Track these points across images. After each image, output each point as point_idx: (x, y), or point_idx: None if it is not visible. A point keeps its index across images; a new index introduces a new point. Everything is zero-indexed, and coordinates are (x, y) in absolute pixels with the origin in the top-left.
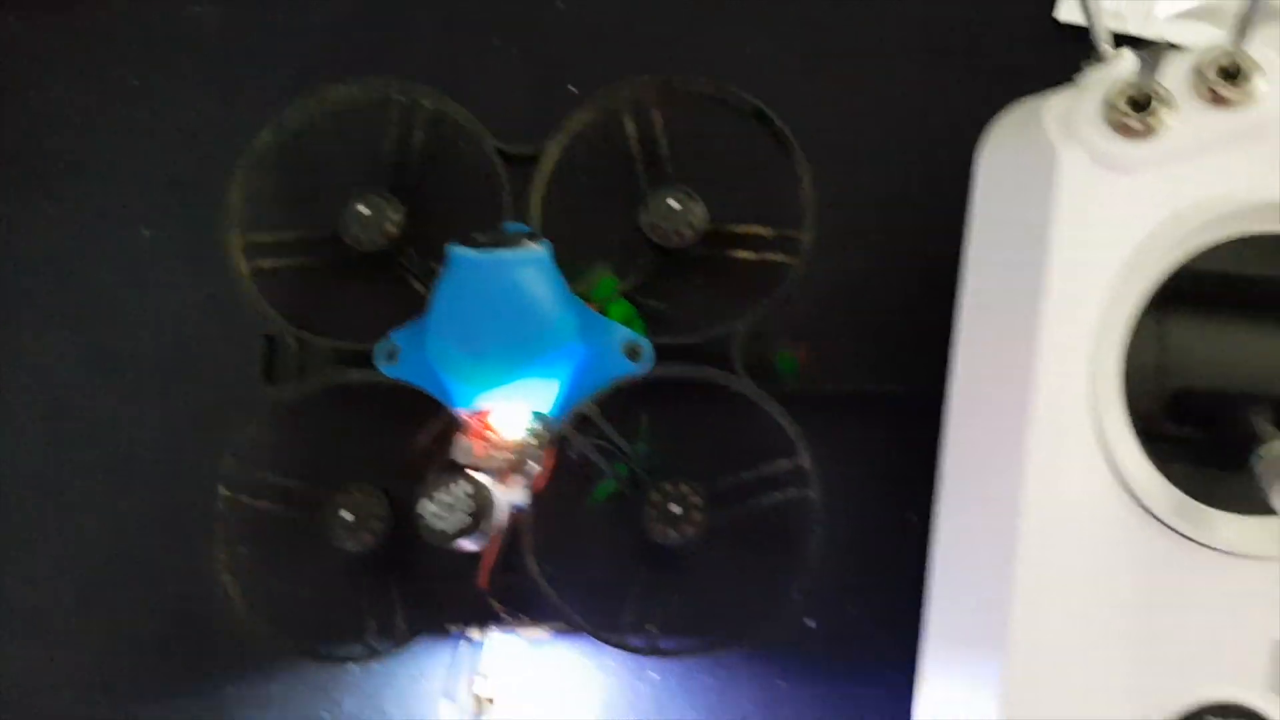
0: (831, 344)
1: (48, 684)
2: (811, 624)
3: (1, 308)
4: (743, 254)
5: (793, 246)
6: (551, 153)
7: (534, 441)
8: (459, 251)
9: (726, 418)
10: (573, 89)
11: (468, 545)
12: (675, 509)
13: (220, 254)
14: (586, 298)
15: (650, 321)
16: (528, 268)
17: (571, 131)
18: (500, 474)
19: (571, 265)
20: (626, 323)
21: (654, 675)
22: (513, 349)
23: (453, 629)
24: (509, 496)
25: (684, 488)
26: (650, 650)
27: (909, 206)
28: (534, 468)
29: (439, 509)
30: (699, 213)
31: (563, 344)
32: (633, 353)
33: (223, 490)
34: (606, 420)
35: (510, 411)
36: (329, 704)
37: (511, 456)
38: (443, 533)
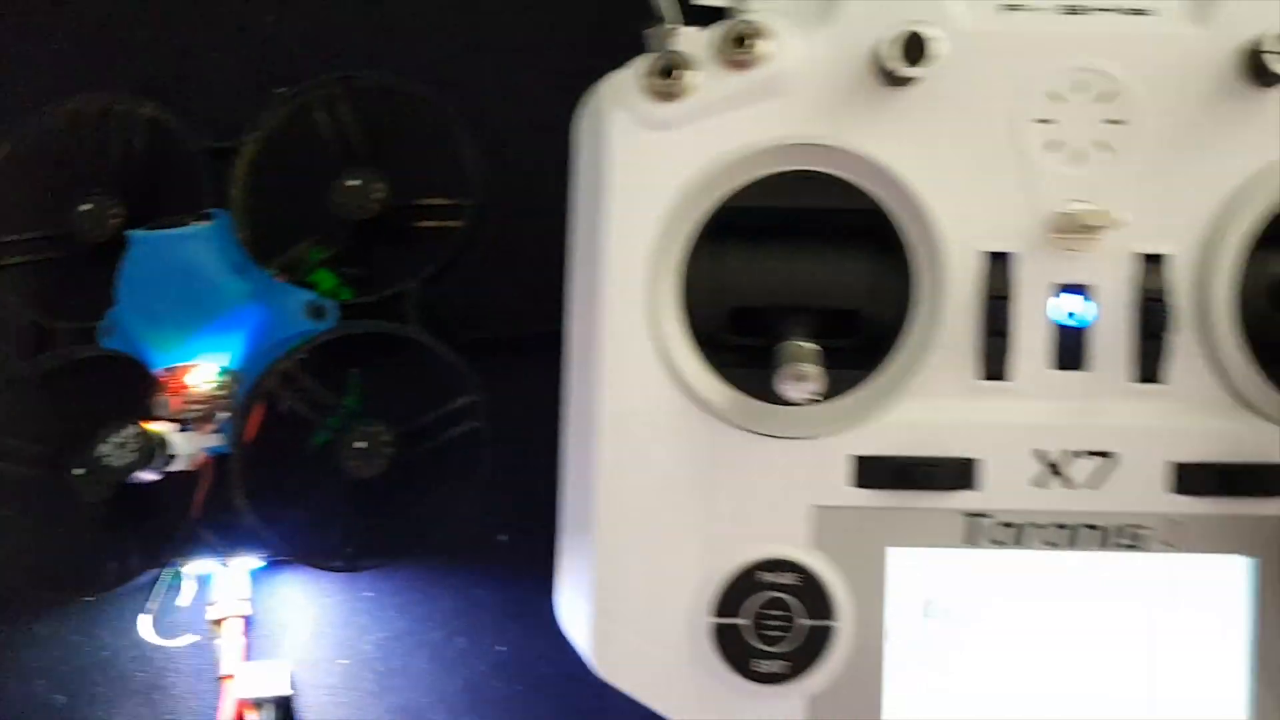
0: (503, 293)
1: None
2: (504, 538)
3: None
4: (425, 223)
5: (462, 212)
6: (249, 146)
7: (223, 393)
8: (132, 233)
9: (416, 364)
10: (283, 90)
11: (145, 476)
12: (363, 446)
13: None
14: (295, 269)
15: (353, 285)
16: (192, 241)
17: (269, 127)
18: (197, 423)
19: (281, 243)
20: (332, 289)
21: (368, 594)
22: (188, 314)
23: (179, 562)
24: (206, 441)
25: (375, 427)
26: (349, 568)
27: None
28: (224, 415)
29: (111, 449)
30: (379, 190)
31: (234, 306)
32: (316, 312)
33: None
34: (315, 377)
35: (198, 369)
36: (89, 638)
37: (204, 407)
38: (116, 469)
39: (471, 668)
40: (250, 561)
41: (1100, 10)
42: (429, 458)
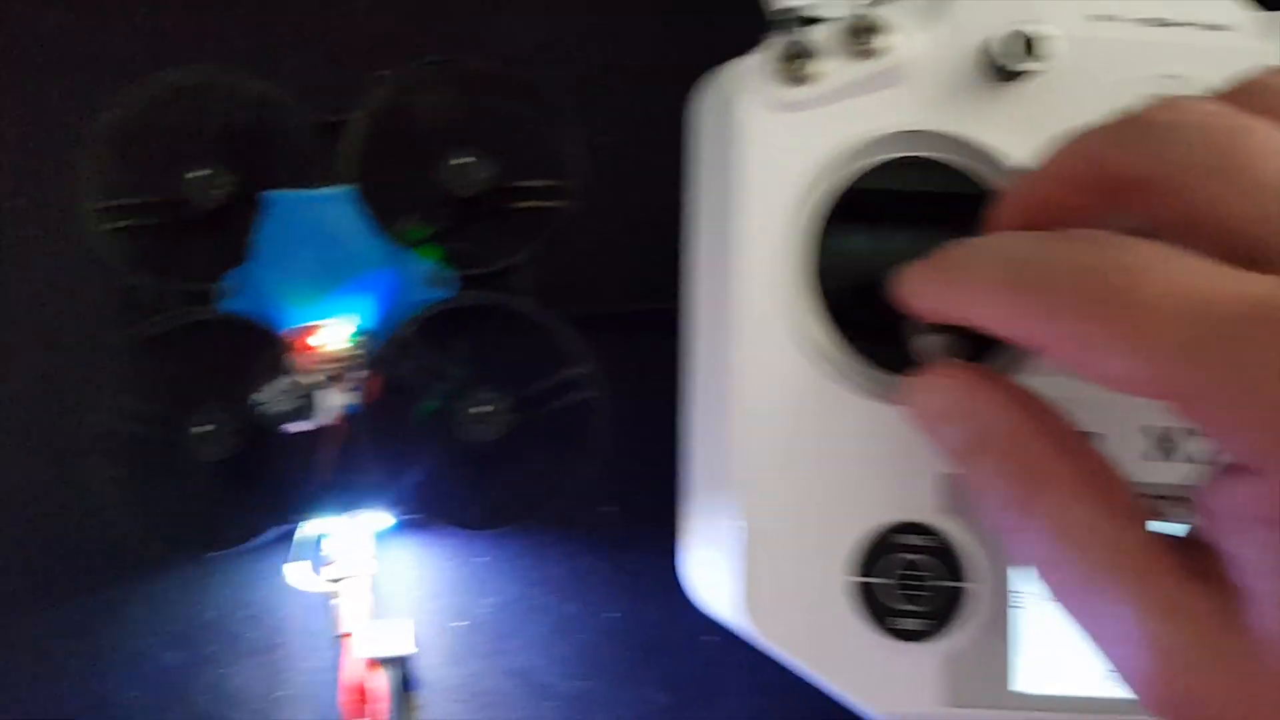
0: (609, 270)
1: None
2: (612, 509)
3: None
4: (527, 203)
5: (565, 193)
6: (360, 121)
7: (354, 353)
8: (272, 194)
9: (527, 336)
10: (385, 72)
11: (296, 428)
12: (483, 411)
13: (78, 220)
14: (402, 244)
15: (457, 261)
16: (332, 203)
17: (378, 104)
18: (332, 381)
19: (386, 219)
20: (439, 263)
21: (483, 559)
22: (326, 276)
23: (301, 522)
24: (338, 400)
25: (489, 395)
26: (479, 528)
27: (661, 156)
28: (357, 375)
29: (269, 397)
30: (483, 170)
31: (370, 269)
32: (438, 281)
33: (95, 418)
34: (427, 346)
35: (327, 329)
36: (201, 596)
37: (335, 366)
38: (273, 415)
39: (583, 633)
40: (374, 522)
41: (1181, 25)
42: (541, 427)
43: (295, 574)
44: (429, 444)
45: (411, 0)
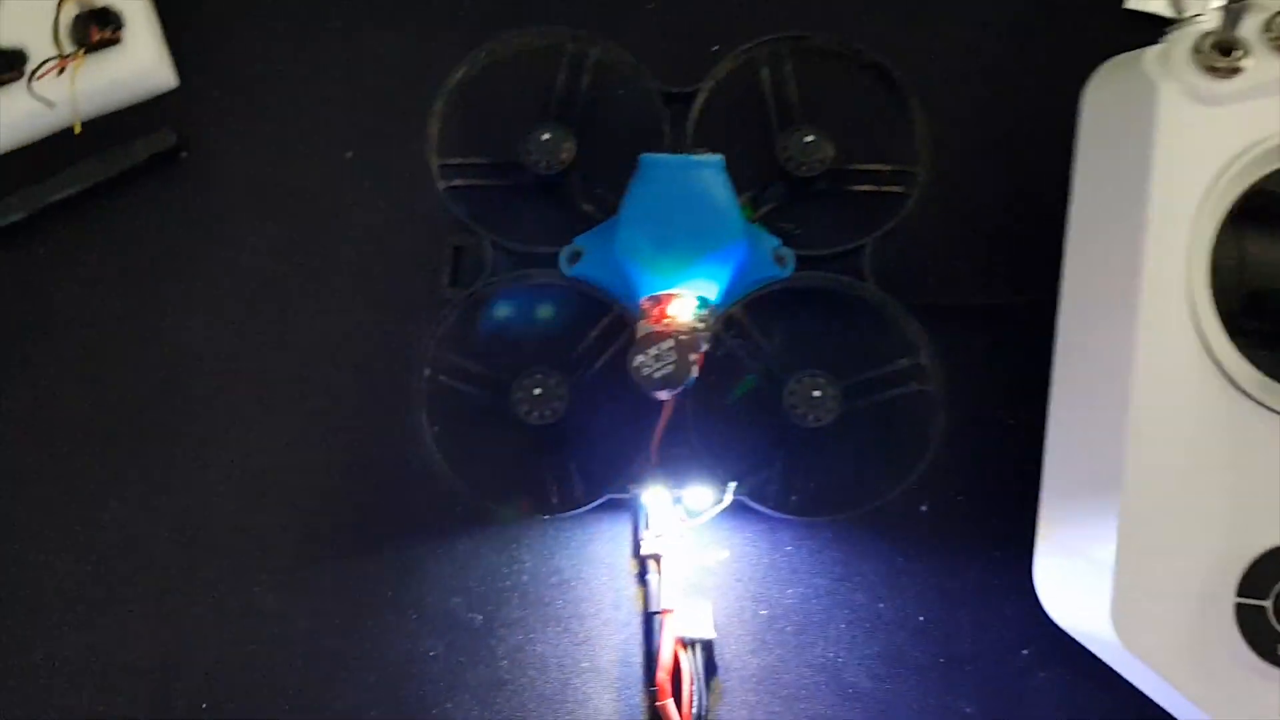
0: (949, 262)
1: (261, 539)
2: (924, 509)
3: (223, 212)
4: (864, 187)
5: (909, 179)
6: (703, 93)
7: (701, 325)
8: (650, 157)
9: (854, 322)
10: (716, 47)
11: (664, 394)
12: (815, 394)
13: (409, 174)
14: None
15: (786, 241)
16: (709, 169)
17: (718, 77)
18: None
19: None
20: None
21: (789, 548)
22: (693, 242)
23: (624, 495)
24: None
25: (820, 379)
26: (795, 512)
27: (1006, 148)
28: (703, 347)
29: (648, 360)
30: (828, 149)
31: (732, 241)
32: (780, 260)
33: (426, 371)
34: (752, 324)
35: (685, 298)
36: (509, 559)
37: (686, 337)
38: (652, 379)
39: (892, 634)
40: (702, 498)
41: None
42: (872, 416)
43: (648, 543)
44: (754, 425)
45: None
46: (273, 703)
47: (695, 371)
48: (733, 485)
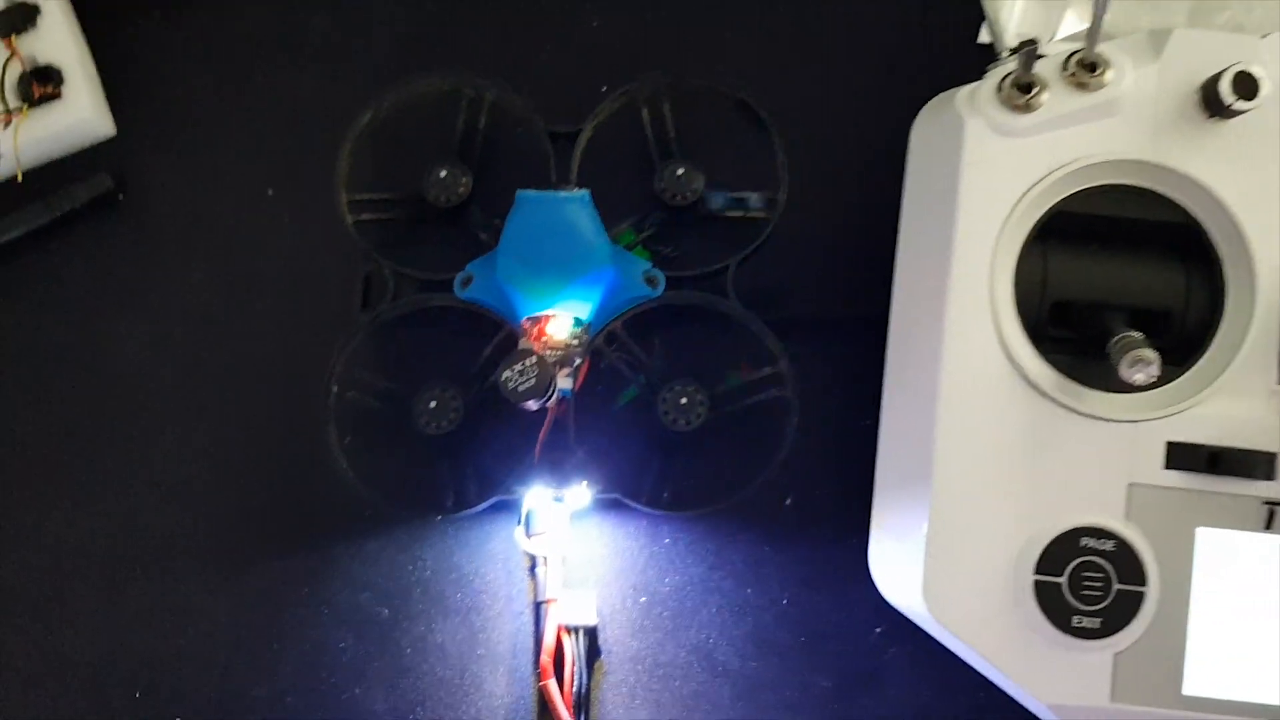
0: (807, 278)
1: (189, 543)
2: (788, 502)
3: (156, 247)
4: (733, 213)
5: (771, 205)
6: (587, 132)
7: (576, 342)
8: (525, 193)
9: (722, 335)
10: (604, 88)
11: (532, 405)
12: (684, 402)
13: (324, 209)
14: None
15: (662, 264)
16: (575, 204)
17: (601, 117)
18: (553, 366)
19: (605, 222)
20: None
21: (667, 541)
22: (563, 269)
23: (512, 497)
24: (563, 384)
25: (690, 388)
26: (668, 509)
27: (861, 173)
28: (577, 362)
29: (514, 375)
30: (698, 179)
31: (599, 266)
32: (651, 281)
33: (335, 388)
34: (631, 339)
35: (560, 318)
36: (413, 557)
37: (561, 352)
38: (516, 391)
39: (758, 617)
40: (581, 498)
41: None
42: (731, 421)
43: (521, 539)
44: (630, 429)
45: (639, 21)
46: (199, 691)
47: (559, 384)
48: (584, 484)
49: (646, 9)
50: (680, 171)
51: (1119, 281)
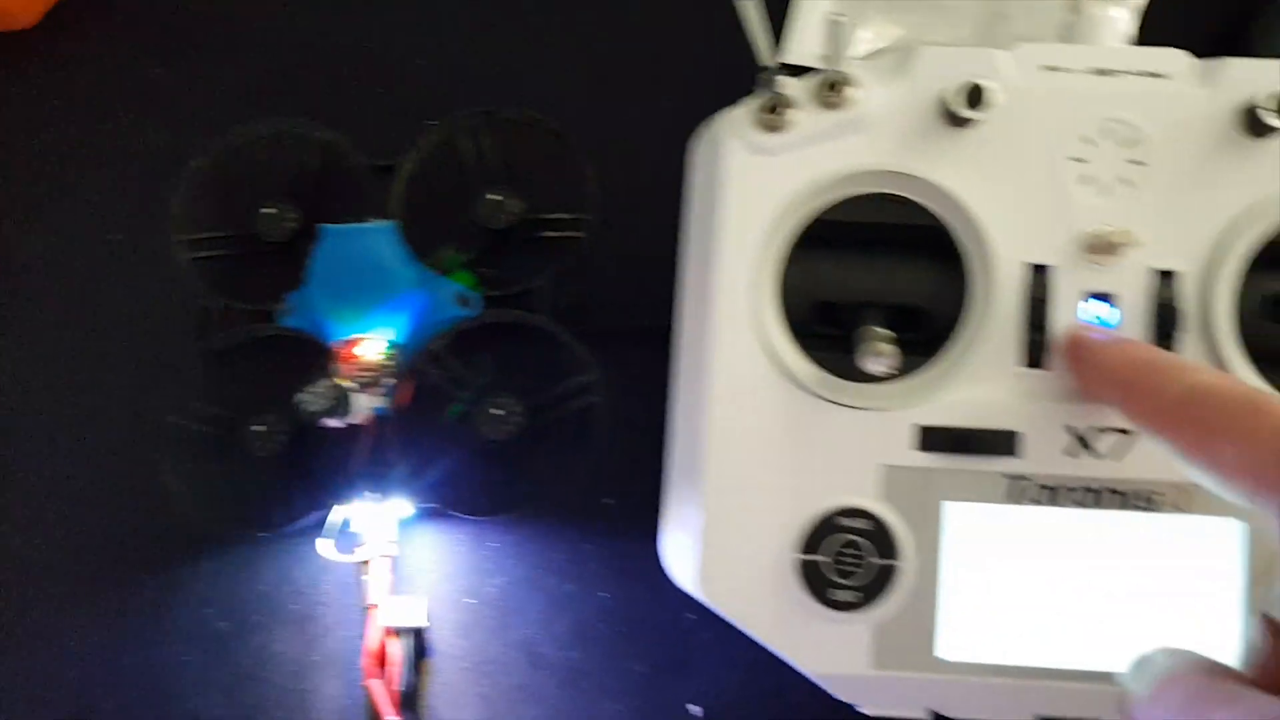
0: (618, 292)
1: (43, 570)
2: (609, 502)
3: (6, 293)
4: (550, 233)
5: (583, 224)
6: (406, 165)
7: (388, 363)
8: (327, 227)
9: (541, 349)
10: (434, 122)
11: (333, 422)
12: (499, 413)
13: (165, 250)
14: (439, 269)
15: (486, 284)
16: (373, 235)
17: (422, 150)
18: (366, 387)
19: (429, 247)
20: (470, 287)
21: (493, 545)
22: (368, 295)
23: (337, 509)
24: (373, 402)
25: (507, 399)
26: (484, 514)
27: (669, 191)
28: (389, 382)
29: (308, 397)
30: (515, 204)
31: (403, 291)
32: (464, 302)
33: (172, 418)
34: (455, 357)
35: (369, 342)
36: (251, 573)
37: (373, 374)
38: (312, 412)
39: (578, 611)
40: (399, 509)
41: (1124, 73)
42: (552, 428)
43: (325, 548)
44: (452, 442)
45: (455, 61)
46: (50, 707)
47: (371, 404)
48: (405, 496)
49: (469, 48)
50: (497, 197)
51: (875, 282)
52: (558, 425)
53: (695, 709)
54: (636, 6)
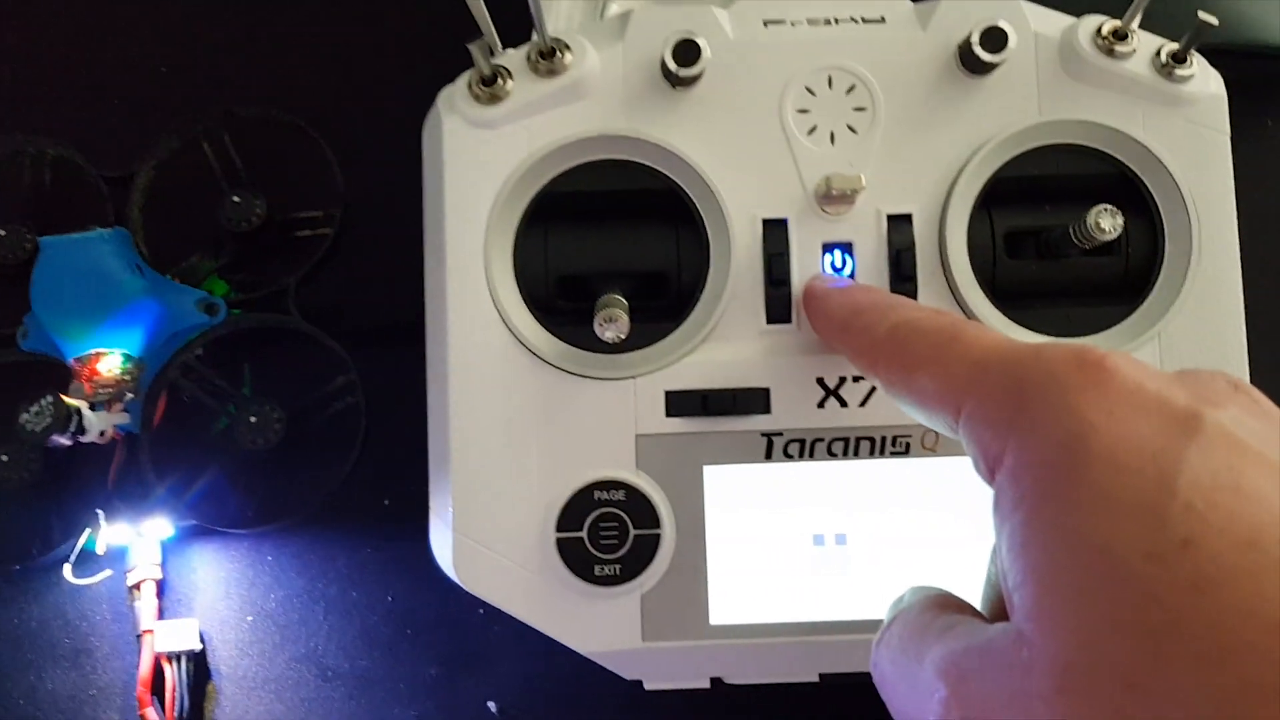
0: (374, 288)
1: None
2: (387, 502)
3: None
4: (303, 232)
5: (332, 220)
6: (144, 174)
7: (127, 377)
8: (46, 239)
9: (301, 352)
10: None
11: (62, 441)
12: (255, 421)
13: None
14: (191, 278)
15: (239, 289)
16: (95, 244)
17: (160, 155)
18: (107, 404)
19: (177, 256)
20: (224, 294)
21: (270, 558)
22: (95, 309)
23: (90, 534)
24: (116, 419)
25: (267, 406)
26: (247, 527)
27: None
28: (130, 397)
29: (30, 417)
30: (258, 205)
31: (133, 301)
32: (209, 309)
33: None
34: (212, 367)
35: (107, 357)
36: (19, 610)
37: (112, 389)
38: (34, 432)
39: (365, 618)
40: (162, 530)
41: (844, 21)
42: (316, 431)
43: (69, 574)
44: (211, 456)
45: (205, 61)
46: None
47: (115, 420)
48: (163, 515)
49: (210, 48)
50: (236, 200)
51: (612, 251)
52: (321, 429)
53: (493, 705)
54: None
